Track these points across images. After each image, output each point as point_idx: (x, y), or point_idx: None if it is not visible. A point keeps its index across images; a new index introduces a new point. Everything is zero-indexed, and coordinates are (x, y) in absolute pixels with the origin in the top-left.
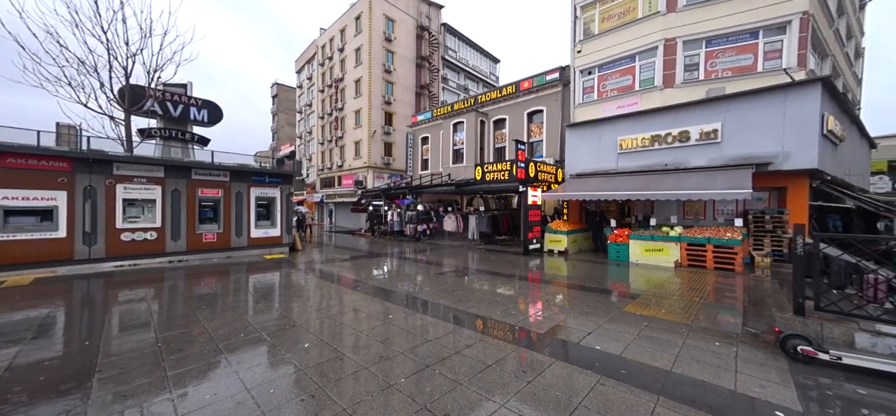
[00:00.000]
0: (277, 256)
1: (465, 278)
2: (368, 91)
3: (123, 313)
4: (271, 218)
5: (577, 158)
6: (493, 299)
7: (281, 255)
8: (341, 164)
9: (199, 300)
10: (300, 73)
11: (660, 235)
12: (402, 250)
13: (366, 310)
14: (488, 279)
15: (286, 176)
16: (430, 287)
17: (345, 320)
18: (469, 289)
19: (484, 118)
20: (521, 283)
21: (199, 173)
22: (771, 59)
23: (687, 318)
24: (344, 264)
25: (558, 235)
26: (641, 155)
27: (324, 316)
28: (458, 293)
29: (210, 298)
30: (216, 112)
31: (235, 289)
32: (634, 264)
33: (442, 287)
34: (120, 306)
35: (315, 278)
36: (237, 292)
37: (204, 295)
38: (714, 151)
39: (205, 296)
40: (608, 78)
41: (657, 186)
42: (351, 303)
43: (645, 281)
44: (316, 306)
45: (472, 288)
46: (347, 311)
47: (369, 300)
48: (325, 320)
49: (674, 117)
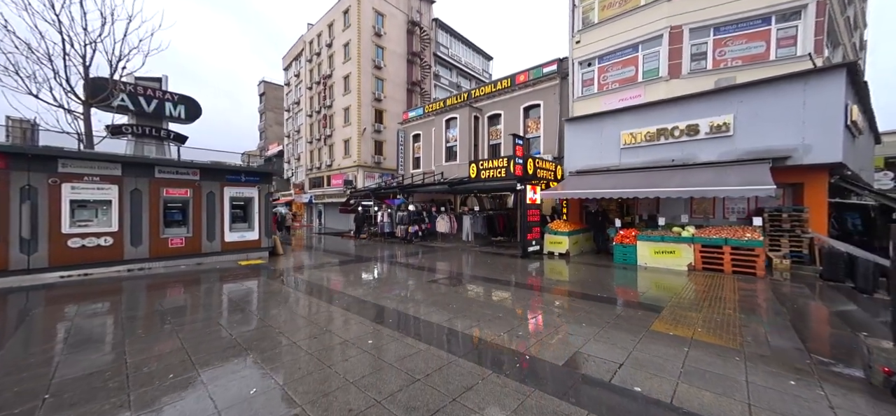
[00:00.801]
0: (255, 262)
1: (460, 286)
2: (358, 87)
3: (59, 331)
4: (248, 220)
5: (577, 155)
6: (494, 313)
7: (259, 260)
8: (330, 163)
9: (147, 319)
10: (288, 70)
11: (671, 236)
12: (393, 253)
13: (342, 333)
14: (486, 287)
15: (265, 174)
16: (421, 298)
17: (316, 348)
18: (465, 300)
19: (478, 114)
20: (524, 292)
21: (165, 171)
22: (785, 47)
23: (732, 340)
24: (327, 270)
25: (559, 236)
26: (646, 150)
27: (292, 343)
28: (454, 306)
29: (161, 315)
30: (194, 108)
31: (193, 305)
32: (643, 268)
33: (435, 298)
34: (62, 323)
35: (291, 290)
36: (194, 308)
37: (157, 311)
38: (725, 145)
39: (158, 312)
40: (609, 69)
41: (664, 182)
42: (326, 322)
43: (661, 288)
44: (283, 328)
45: (469, 299)
46: (322, 333)
47: (349, 319)
48: (291, 350)
49: (681, 110)
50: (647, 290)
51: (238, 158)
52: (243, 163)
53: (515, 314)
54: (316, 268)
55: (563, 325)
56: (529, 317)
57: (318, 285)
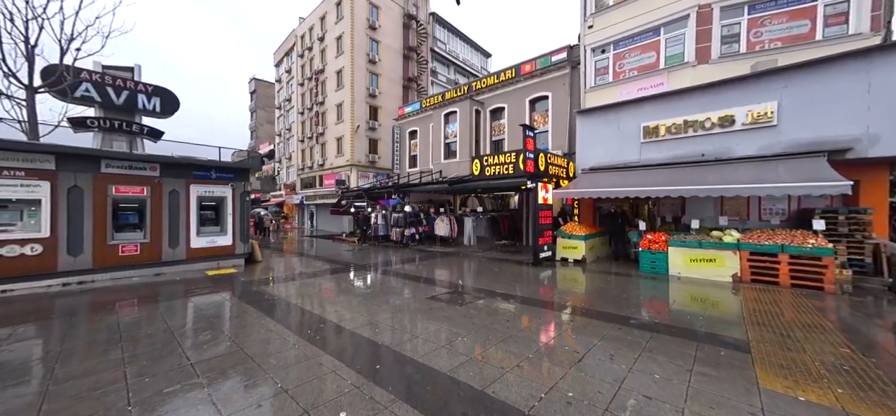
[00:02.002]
0: (226, 271)
1: (467, 305)
2: (351, 83)
3: None
4: (220, 223)
5: (591, 150)
6: (519, 354)
7: (231, 270)
8: (322, 162)
9: (68, 352)
10: (279, 66)
11: (710, 241)
12: (387, 259)
13: (308, 393)
14: (500, 309)
15: (240, 170)
16: (421, 326)
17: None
18: (476, 329)
19: (479, 107)
20: (548, 315)
21: (114, 165)
22: (834, 25)
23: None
24: (310, 282)
25: (574, 240)
26: (671, 144)
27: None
28: (462, 341)
29: (88, 345)
30: (171, 100)
31: (129, 332)
32: (677, 279)
33: (439, 325)
34: None
35: (258, 311)
36: (129, 336)
37: (85, 339)
38: (768, 137)
39: (86, 342)
40: (626, 56)
41: (697, 180)
42: (294, 371)
43: (717, 308)
44: (230, 375)
45: (481, 328)
46: (277, 394)
47: (322, 369)
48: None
49: (712, 98)
50: (705, 311)
51: (215, 153)
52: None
53: (550, 356)
54: (297, 279)
55: (630, 379)
56: (567, 360)
57: (295, 306)
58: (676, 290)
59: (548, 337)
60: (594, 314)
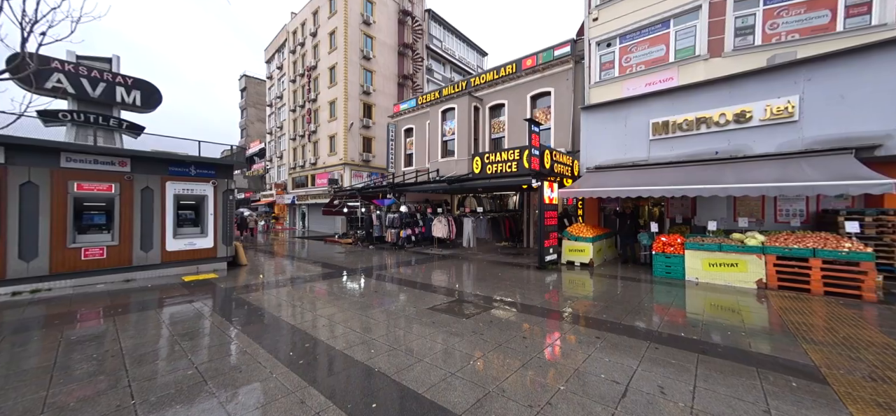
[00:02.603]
0: (206, 276)
1: (473, 318)
2: (344, 79)
3: None
4: (201, 224)
5: (596, 148)
6: (547, 386)
7: (211, 275)
8: (315, 161)
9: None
10: (270, 63)
11: (731, 244)
12: (382, 262)
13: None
14: (512, 323)
15: (223, 166)
16: (422, 348)
17: None
18: (488, 349)
19: (478, 104)
20: (567, 331)
21: (76, 159)
22: (855, 16)
23: None
24: (297, 289)
25: (581, 242)
26: (682, 141)
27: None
28: (473, 367)
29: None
30: (152, 94)
31: (38, 368)
32: (694, 284)
33: (442, 346)
34: None
35: (234, 327)
36: (37, 373)
37: (32, 362)
38: (789, 133)
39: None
40: (633, 49)
41: (711, 178)
42: (270, 414)
43: (751, 320)
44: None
45: (494, 347)
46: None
47: (303, 403)
48: None
49: (727, 92)
50: (731, 323)
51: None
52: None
53: (586, 386)
54: (282, 285)
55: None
56: (620, 395)
57: (278, 320)
58: (699, 298)
59: (575, 362)
60: (621, 329)
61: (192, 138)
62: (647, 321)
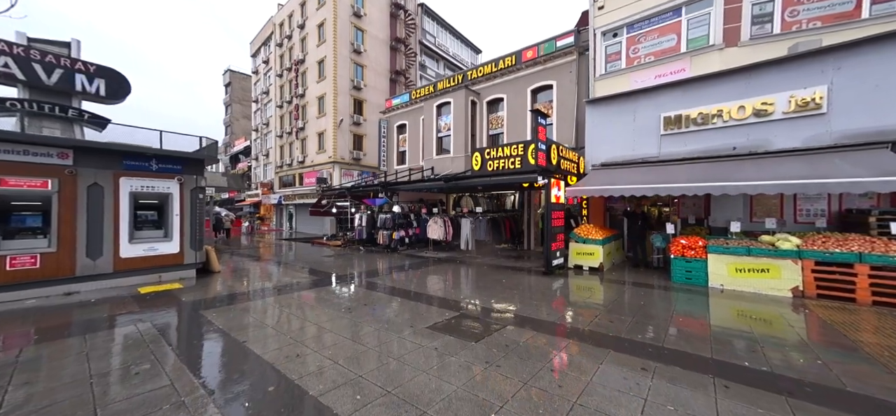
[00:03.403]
0: (168, 287)
1: (484, 340)
2: (334, 73)
3: None
4: (164, 226)
5: (603, 144)
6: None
7: (176, 284)
8: (303, 159)
9: None
10: (256, 56)
11: (760, 248)
12: (374, 267)
13: None
14: (532, 347)
15: (191, 161)
16: (426, 387)
17: None
18: (510, 386)
19: (475, 98)
20: (602, 356)
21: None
22: (882, 2)
23: None
24: (274, 302)
25: (590, 245)
26: (696, 136)
27: None
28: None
29: None
30: (119, 83)
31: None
32: (719, 292)
33: (450, 386)
34: None
35: (182, 362)
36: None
37: None
38: (815, 127)
39: None
40: (641, 39)
41: (730, 175)
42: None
43: (809, 339)
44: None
45: (516, 383)
46: None
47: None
48: None
49: (745, 83)
50: (786, 341)
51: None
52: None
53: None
54: (257, 298)
55: None
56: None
57: (244, 350)
58: (733, 308)
59: (630, 411)
60: (669, 356)
61: (152, 128)
62: (694, 343)
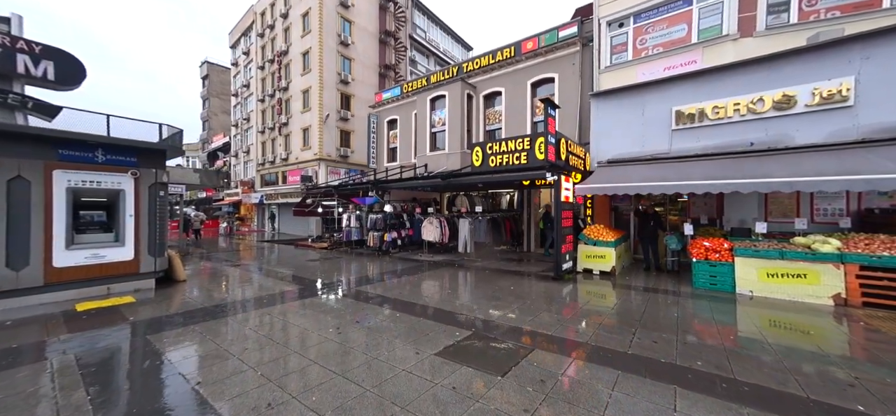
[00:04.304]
0: (117, 301)
1: (509, 374)
2: (319, 66)
3: None
4: (115, 228)
5: (609, 140)
6: None
7: (127, 298)
8: (286, 156)
9: None
10: (235, 47)
11: (795, 250)
12: (363, 273)
13: None
14: (572, 379)
15: (149, 152)
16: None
17: None
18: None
19: (471, 91)
20: (646, 384)
21: None
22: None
23: None
24: (243, 321)
25: (601, 247)
26: (711, 131)
27: None
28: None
29: None
30: (71, 67)
31: None
32: (748, 299)
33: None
34: None
35: (124, 402)
36: None
37: None
38: (841, 120)
39: None
40: (650, 30)
41: (752, 172)
42: None
43: (845, 350)
44: None
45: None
46: None
47: None
48: None
49: (765, 75)
50: (835, 358)
51: (104, 124)
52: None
53: None
54: (224, 315)
55: None
56: None
57: (191, 394)
58: (765, 320)
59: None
60: (749, 396)
61: (97, 111)
62: (765, 372)
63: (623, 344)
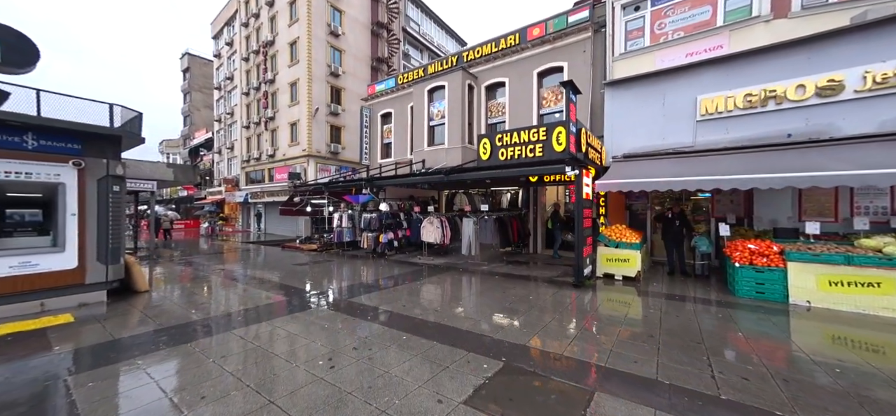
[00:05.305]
0: (48, 321)
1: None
2: (308, 56)
3: None
4: (52, 230)
5: (625, 133)
6: None
7: (65, 317)
8: (273, 152)
9: None
10: (218, 38)
11: (864, 255)
12: (356, 279)
13: None
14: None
15: (97, 138)
16: None
17: None
18: None
19: (472, 82)
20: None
21: None
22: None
23: None
24: (208, 349)
25: (624, 249)
26: (741, 122)
27: None
28: None
29: None
30: (19, 46)
31: None
32: (805, 310)
33: None
34: None
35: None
36: None
37: None
38: (893, 108)
39: None
40: (669, 13)
41: (792, 167)
42: None
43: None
44: None
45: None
46: None
47: None
48: None
49: (806, 58)
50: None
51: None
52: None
53: None
54: (184, 341)
55: None
56: None
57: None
58: (841, 335)
59: None
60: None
61: (28, 86)
62: None
63: (705, 382)
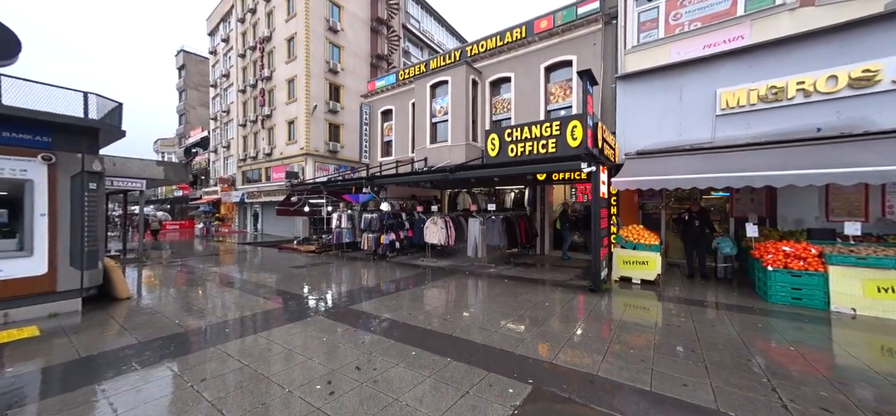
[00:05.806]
0: (11, 335)
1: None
2: (306, 53)
3: None
4: (19, 233)
5: (639, 129)
6: None
7: (31, 331)
8: (270, 151)
9: None
10: (214, 35)
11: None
12: (356, 283)
13: None
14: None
15: (70, 130)
16: None
17: None
18: None
19: (476, 77)
20: None
21: None
22: None
23: None
24: (189, 370)
25: (643, 251)
26: (764, 116)
27: None
28: None
29: None
30: (1, 37)
31: None
32: (851, 318)
33: None
34: None
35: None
36: None
37: None
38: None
39: None
40: (685, 2)
41: (820, 161)
42: None
43: None
44: None
45: None
46: None
47: None
48: None
49: (838, 47)
50: None
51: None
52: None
53: None
54: (162, 360)
55: None
56: None
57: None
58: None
59: None
60: None
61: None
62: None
63: (771, 409)
